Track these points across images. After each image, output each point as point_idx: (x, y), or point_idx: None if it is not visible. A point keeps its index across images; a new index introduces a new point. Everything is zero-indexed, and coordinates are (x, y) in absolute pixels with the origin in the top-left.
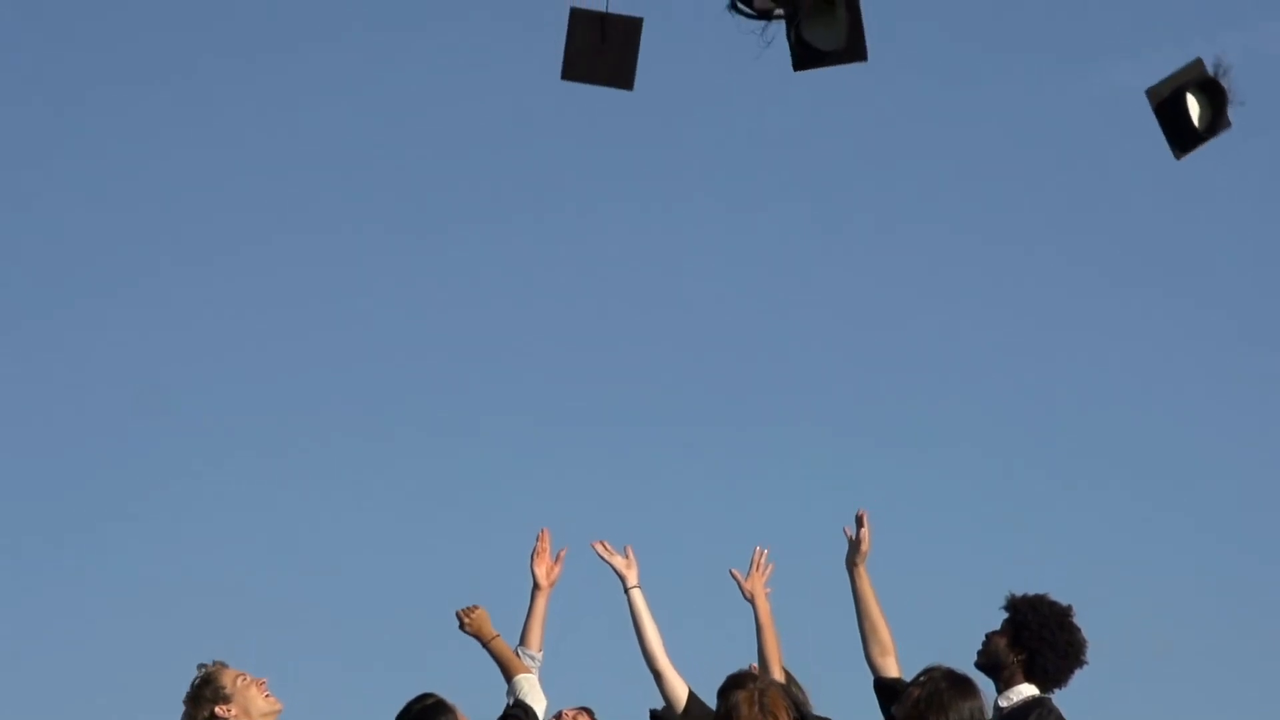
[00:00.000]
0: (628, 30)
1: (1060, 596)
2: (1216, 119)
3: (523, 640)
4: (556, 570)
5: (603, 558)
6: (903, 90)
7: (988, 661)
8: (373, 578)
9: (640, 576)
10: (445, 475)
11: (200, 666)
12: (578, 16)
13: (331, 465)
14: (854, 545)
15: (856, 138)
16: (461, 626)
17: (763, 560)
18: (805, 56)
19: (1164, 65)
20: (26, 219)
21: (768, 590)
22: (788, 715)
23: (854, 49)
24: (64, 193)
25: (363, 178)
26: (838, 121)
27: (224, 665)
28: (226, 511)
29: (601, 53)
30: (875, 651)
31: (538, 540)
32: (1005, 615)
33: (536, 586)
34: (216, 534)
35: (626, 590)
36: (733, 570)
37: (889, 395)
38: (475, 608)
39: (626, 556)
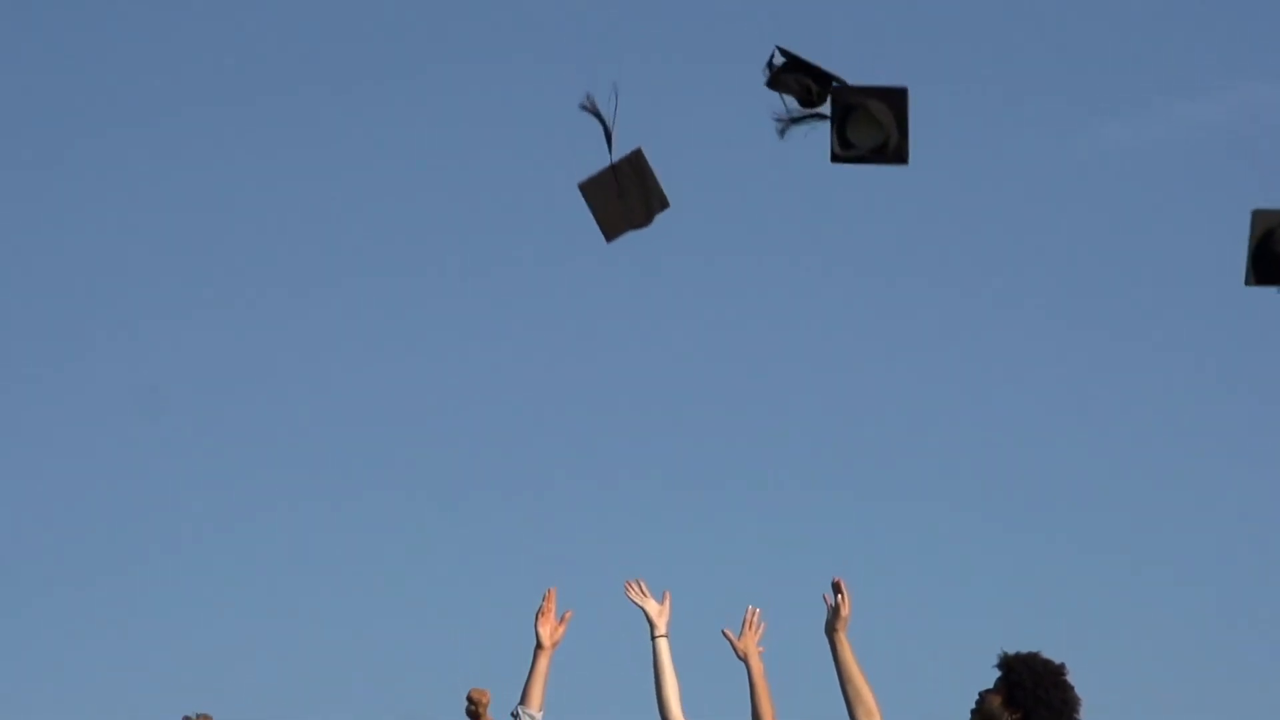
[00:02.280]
0: (635, 167)
1: (1051, 654)
2: None
3: (524, 699)
4: (560, 631)
5: (634, 601)
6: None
7: None
8: (375, 635)
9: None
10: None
11: (184, 719)
12: (588, 189)
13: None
14: (834, 611)
15: (843, 187)
16: (476, 710)
17: (755, 619)
18: (849, 151)
19: (1153, 125)
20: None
21: (760, 649)
22: None
23: (899, 148)
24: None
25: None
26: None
27: (208, 718)
28: (239, 572)
29: (627, 201)
30: (860, 715)
31: (543, 600)
32: (999, 673)
33: (539, 646)
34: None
35: (654, 637)
36: (725, 630)
37: (881, 454)
38: (486, 691)
39: (662, 602)
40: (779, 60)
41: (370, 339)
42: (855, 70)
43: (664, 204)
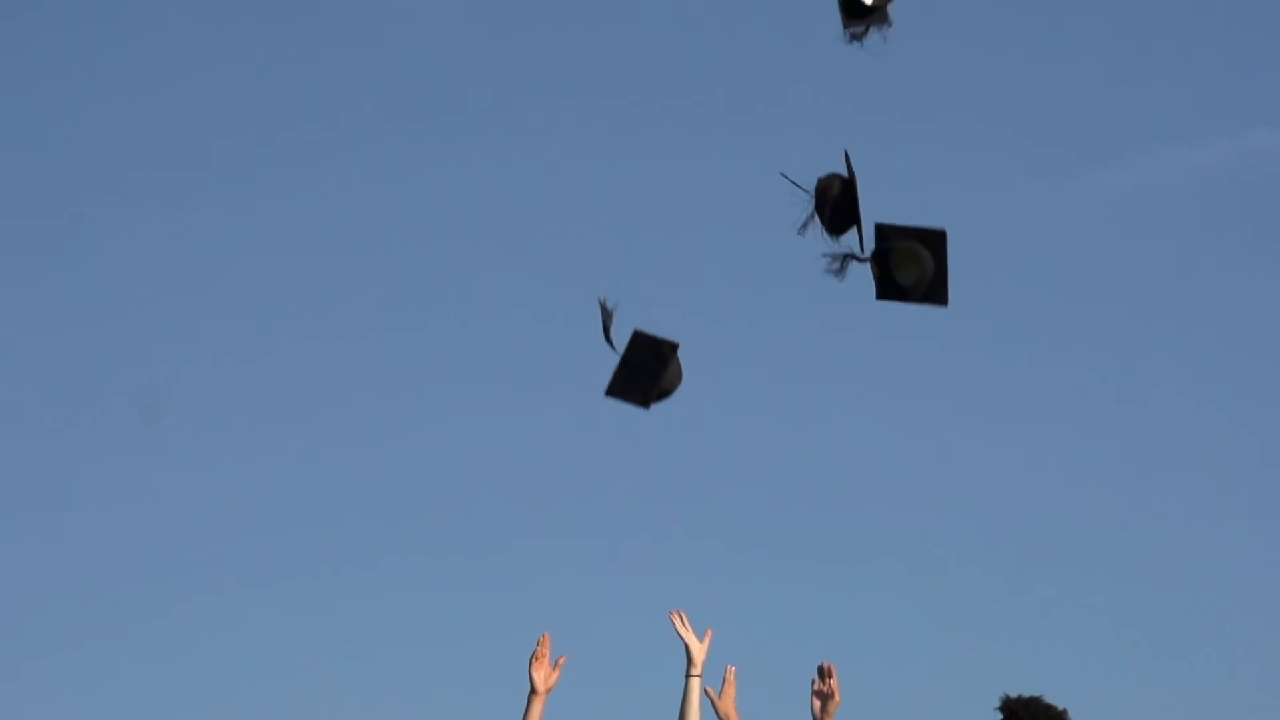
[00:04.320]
0: (639, 345)
1: (1053, 699)
2: None
3: None
4: (555, 676)
5: (678, 632)
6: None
7: None
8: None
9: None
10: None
11: None
12: (615, 389)
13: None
14: (825, 698)
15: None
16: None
17: (732, 677)
18: (892, 289)
19: (1152, 169)
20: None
21: (735, 706)
22: None
23: (934, 291)
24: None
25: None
26: None
27: None
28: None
29: (644, 374)
30: None
31: (538, 645)
32: (1000, 717)
33: (533, 691)
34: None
35: (688, 675)
36: (707, 689)
37: (877, 508)
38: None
39: (703, 640)
40: (845, 173)
41: (372, 392)
42: (862, 123)
43: (673, 350)
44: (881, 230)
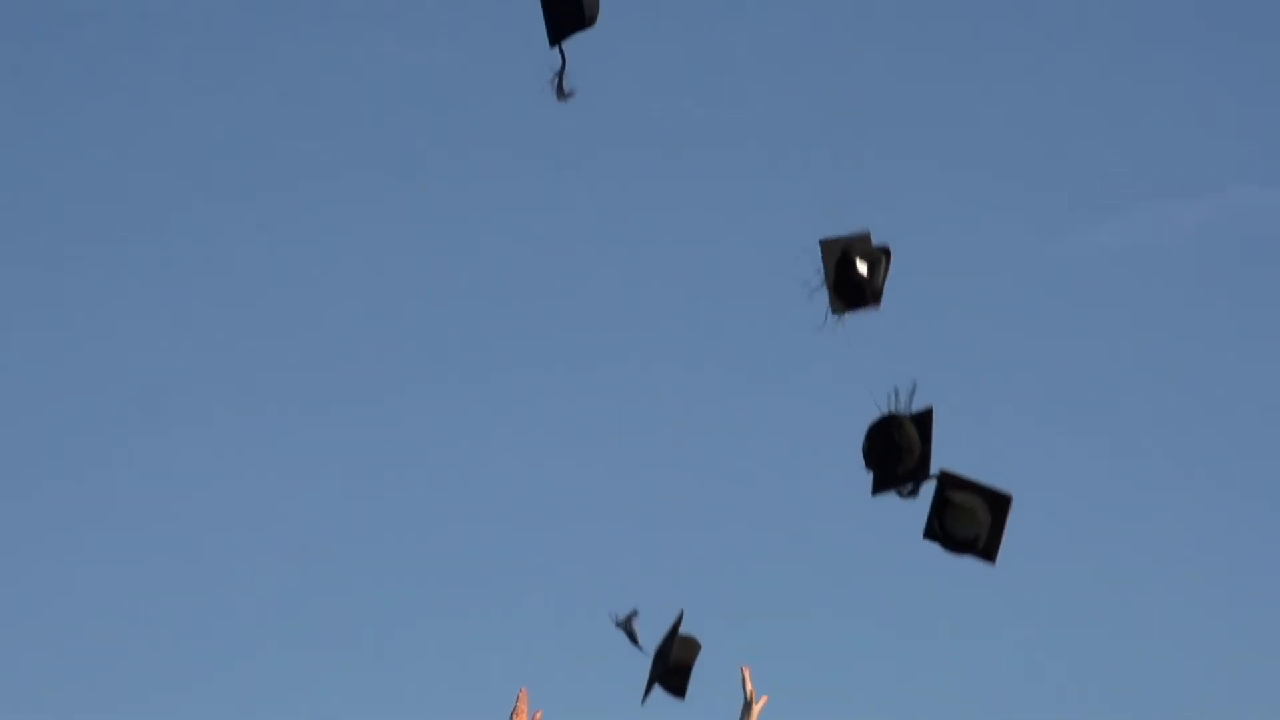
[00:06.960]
0: (657, 659)
1: None
2: None
3: None
4: None
5: (745, 685)
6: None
7: None
8: None
9: None
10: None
11: None
12: (648, 692)
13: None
14: None
15: None
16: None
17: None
18: (938, 536)
19: (1144, 225)
20: None
21: None
22: None
23: (989, 548)
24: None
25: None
26: None
27: None
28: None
29: (664, 667)
30: None
31: (516, 700)
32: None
33: None
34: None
35: None
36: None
37: (887, 579)
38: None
39: (757, 703)
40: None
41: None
42: (857, 178)
43: (675, 625)
44: (946, 480)
